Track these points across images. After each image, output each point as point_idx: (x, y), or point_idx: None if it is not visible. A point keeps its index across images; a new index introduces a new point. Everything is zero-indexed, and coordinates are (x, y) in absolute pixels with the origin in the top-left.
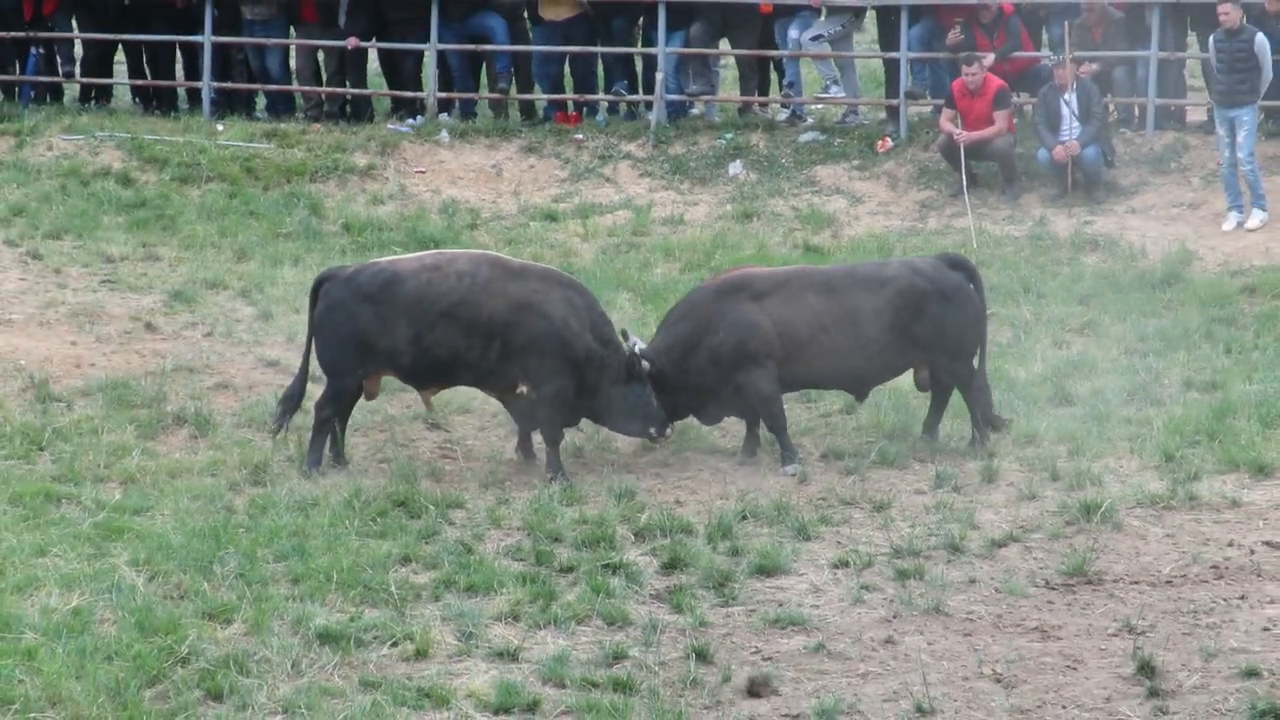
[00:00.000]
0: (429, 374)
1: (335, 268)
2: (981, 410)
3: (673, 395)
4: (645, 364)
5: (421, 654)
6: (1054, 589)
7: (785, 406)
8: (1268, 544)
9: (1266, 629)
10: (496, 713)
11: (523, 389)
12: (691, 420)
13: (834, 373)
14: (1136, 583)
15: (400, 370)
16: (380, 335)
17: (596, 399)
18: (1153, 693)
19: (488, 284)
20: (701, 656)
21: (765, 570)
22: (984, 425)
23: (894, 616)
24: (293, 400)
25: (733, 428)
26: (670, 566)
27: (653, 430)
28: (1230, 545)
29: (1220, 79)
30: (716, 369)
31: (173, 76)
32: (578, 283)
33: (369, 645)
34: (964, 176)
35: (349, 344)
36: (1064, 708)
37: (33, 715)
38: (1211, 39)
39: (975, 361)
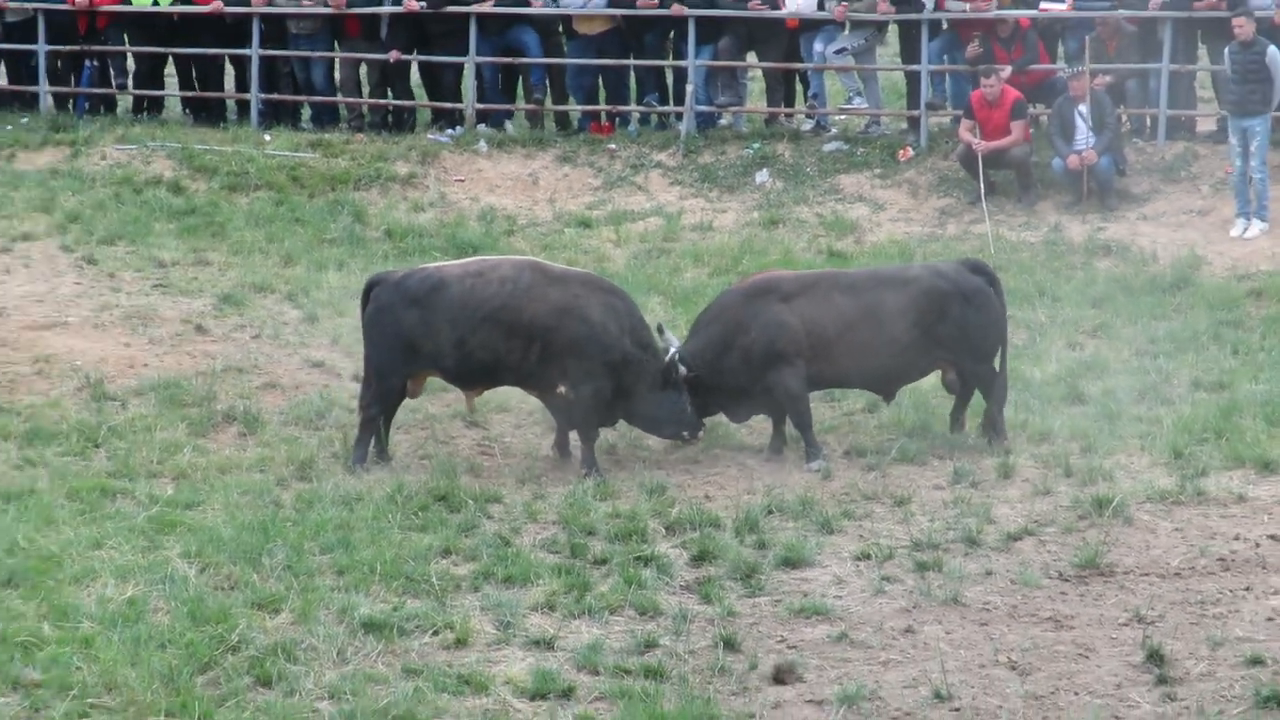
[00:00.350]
0: (472, 375)
1: (384, 272)
2: (997, 409)
3: (705, 395)
4: (683, 369)
5: (461, 642)
6: (1067, 580)
7: (811, 405)
8: (1272, 537)
9: (1271, 619)
10: (533, 698)
11: (562, 389)
12: (720, 418)
13: (860, 372)
14: (1146, 575)
15: (445, 372)
16: (425, 338)
17: (632, 401)
18: (1161, 680)
19: (529, 289)
20: (729, 645)
21: (790, 562)
22: (997, 425)
23: (913, 607)
24: None
25: (759, 425)
26: (699, 559)
27: (685, 433)
28: (1236, 539)
29: (1233, 90)
30: (748, 369)
31: (221, 89)
32: (618, 288)
33: (411, 634)
34: (982, 184)
35: (396, 346)
36: (1076, 694)
37: (90, 700)
38: (1226, 51)
39: (996, 363)
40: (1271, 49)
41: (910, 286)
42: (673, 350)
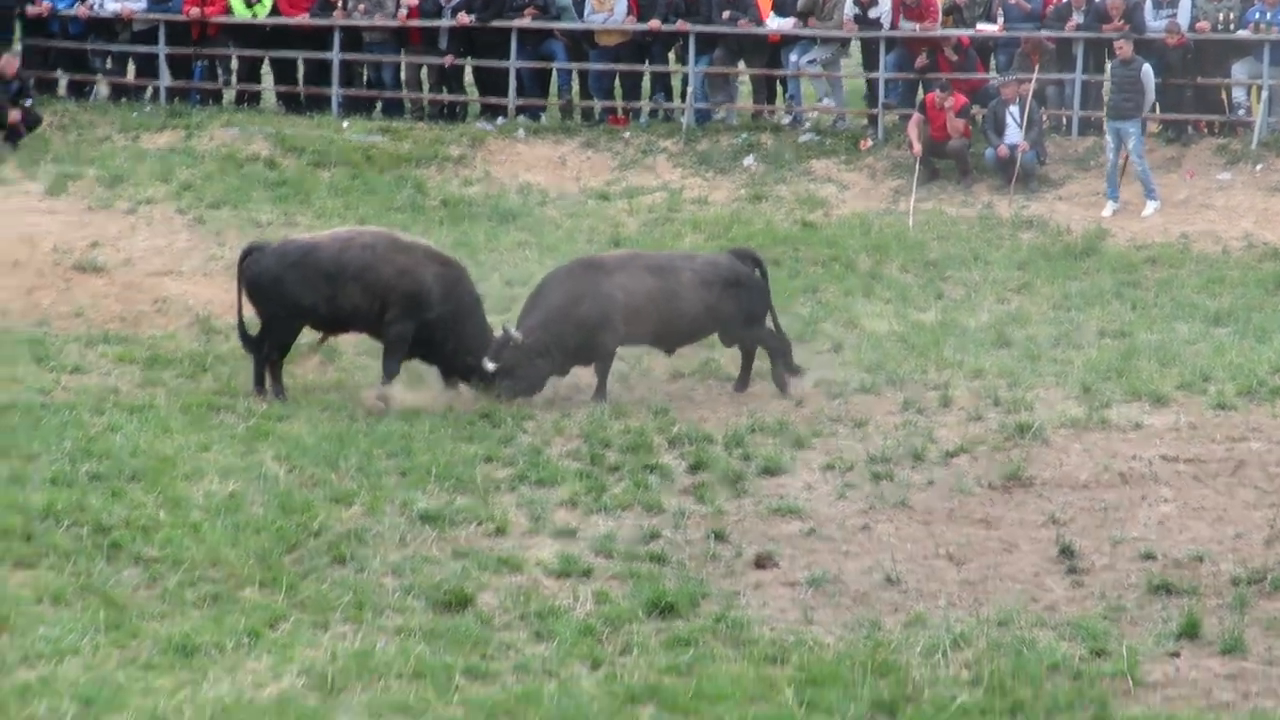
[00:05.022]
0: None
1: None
2: (783, 361)
3: (544, 357)
4: (516, 337)
5: (501, 531)
6: (995, 490)
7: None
8: (1163, 457)
9: (1161, 523)
10: (559, 577)
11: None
12: (715, 355)
13: (658, 335)
14: (1060, 486)
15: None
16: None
17: (445, 354)
18: (1071, 570)
19: (384, 254)
20: (719, 537)
21: (770, 471)
22: (784, 372)
23: (870, 509)
24: None
25: (761, 366)
26: (695, 467)
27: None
28: (1134, 458)
29: (1113, 97)
30: (580, 333)
31: (310, 85)
32: (454, 260)
33: (460, 524)
34: (915, 173)
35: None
36: (1001, 581)
37: (198, 573)
38: (1109, 65)
39: (770, 325)
40: (1146, 66)
41: (696, 269)
42: (510, 332)
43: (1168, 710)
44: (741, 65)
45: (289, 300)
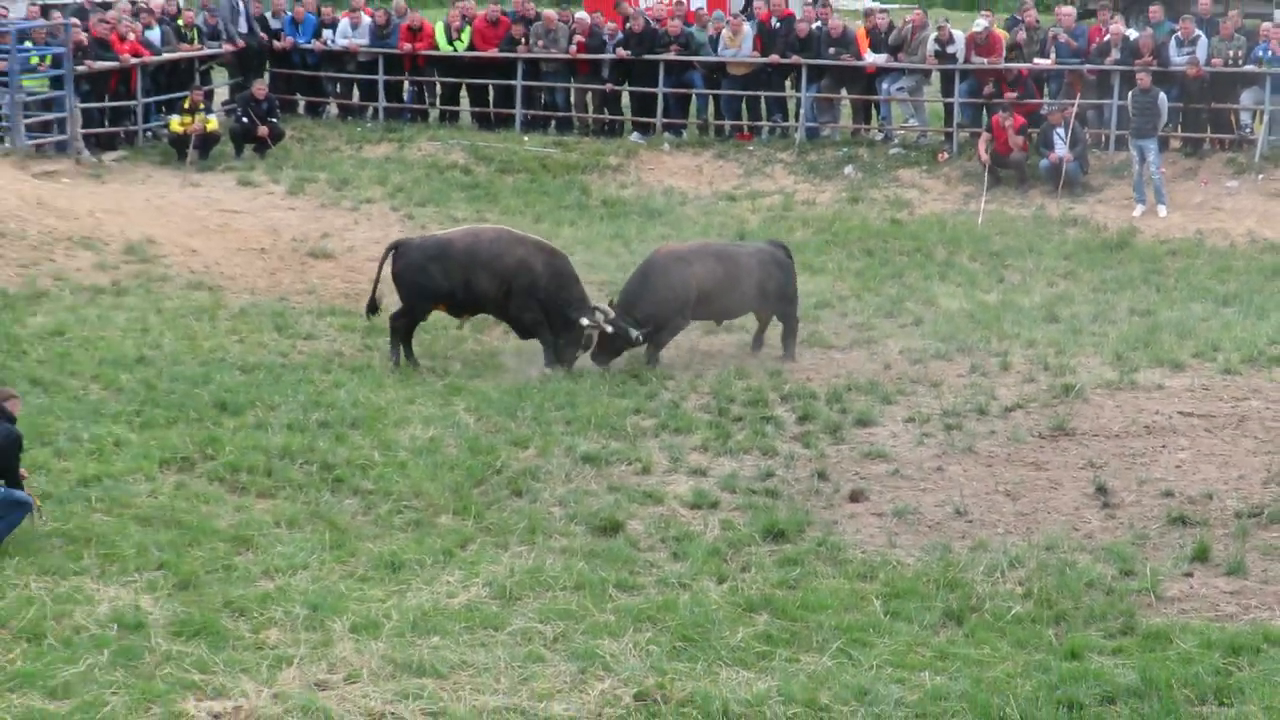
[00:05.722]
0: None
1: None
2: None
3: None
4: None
5: (645, 470)
6: (1044, 439)
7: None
8: (1180, 413)
9: (1178, 466)
10: (692, 508)
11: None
12: (820, 327)
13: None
14: (1096, 436)
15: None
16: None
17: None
18: (1105, 505)
19: (506, 245)
20: (821, 476)
21: (862, 422)
22: (792, 345)
23: (943, 454)
24: None
25: (848, 336)
26: (803, 418)
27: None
28: (1157, 413)
29: (1135, 120)
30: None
31: (498, 106)
32: (559, 251)
33: (613, 464)
34: (985, 181)
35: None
36: (1048, 513)
37: (404, 503)
38: (1130, 93)
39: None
40: (1161, 95)
41: (751, 254)
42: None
43: (1182, 620)
44: (843, 92)
45: (430, 286)
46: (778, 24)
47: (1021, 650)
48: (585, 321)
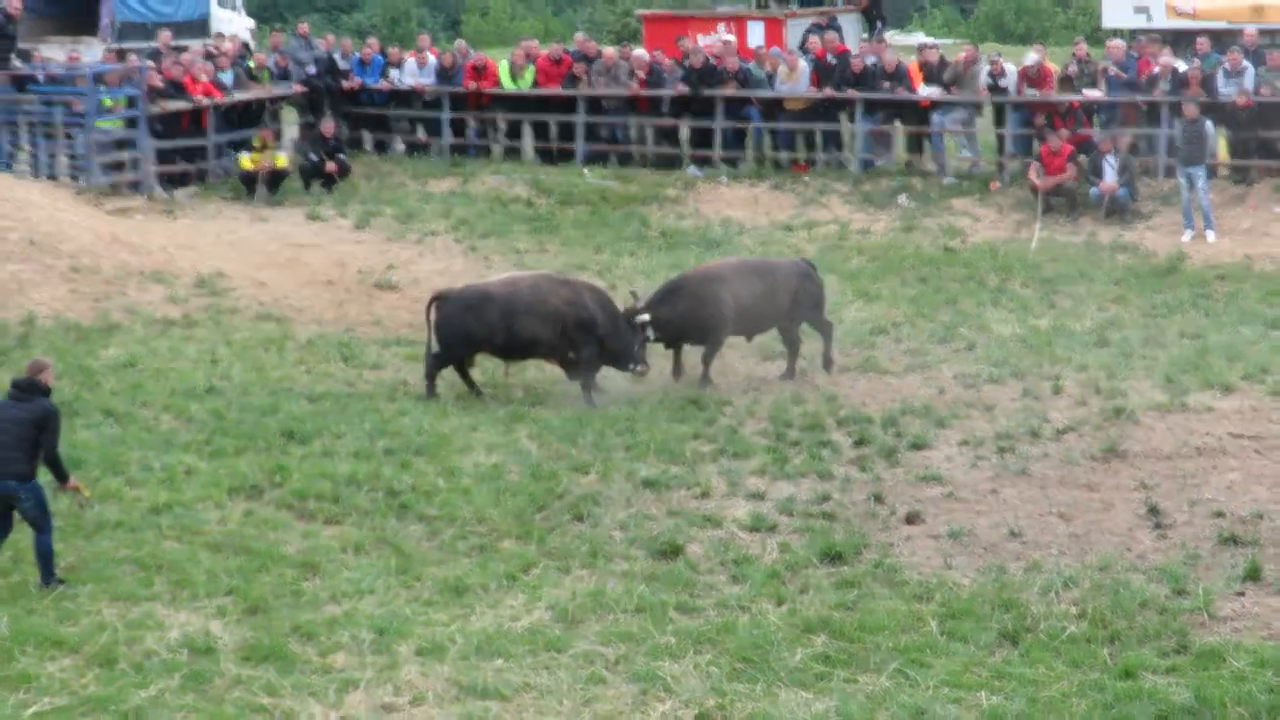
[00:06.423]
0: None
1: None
2: (826, 344)
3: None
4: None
5: (704, 494)
6: (1097, 460)
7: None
8: (1231, 434)
9: (1229, 487)
10: (751, 531)
11: (571, 355)
12: (875, 353)
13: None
14: (1148, 457)
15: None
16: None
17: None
18: (1157, 525)
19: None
20: (878, 499)
21: (917, 446)
22: (831, 355)
23: (997, 476)
24: None
25: (903, 362)
26: (859, 443)
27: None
28: (1207, 435)
29: (1183, 148)
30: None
31: (560, 141)
32: (597, 286)
33: (672, 489)
34: (1039, 207)
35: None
36: (1101, 534)
37: (469, 527)
38: (1178, 123)
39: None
40: (1208, 123)
41: (785, 268)
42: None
43: (1236, 639)
44: (897, 124)
45: (465, 334)
46: (833, 60)
47: (1076, 670)
48: (639, 369)
